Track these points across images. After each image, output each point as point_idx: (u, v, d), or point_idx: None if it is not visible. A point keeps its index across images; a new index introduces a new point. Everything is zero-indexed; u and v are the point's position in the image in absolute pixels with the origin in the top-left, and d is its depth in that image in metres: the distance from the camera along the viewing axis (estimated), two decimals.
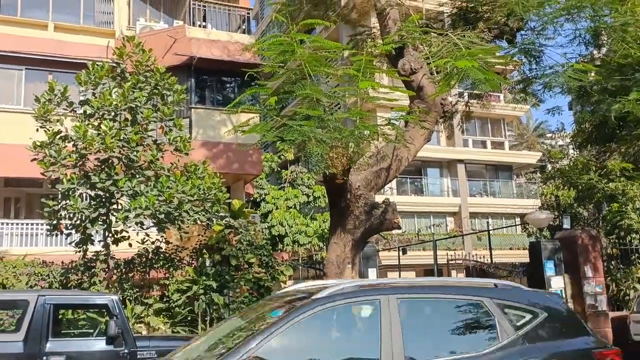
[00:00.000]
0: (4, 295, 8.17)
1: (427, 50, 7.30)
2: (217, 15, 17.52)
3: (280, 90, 7.57)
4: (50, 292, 8.16)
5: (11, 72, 15.24)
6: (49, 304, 6.86)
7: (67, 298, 7.61)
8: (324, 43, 7.01)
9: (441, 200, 29.40)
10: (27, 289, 10.08)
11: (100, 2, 16.66)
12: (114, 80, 10.54)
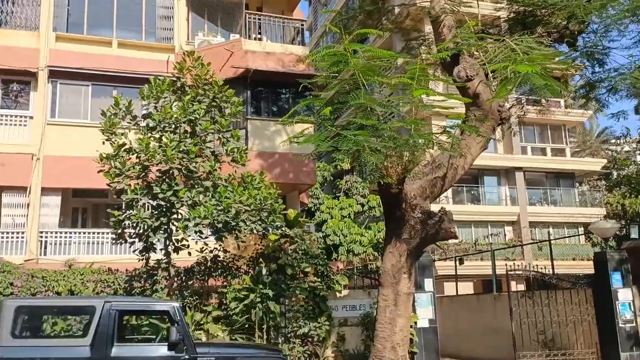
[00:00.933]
0: (74, 302, 8.56)
1: (484, 57, 7.19)
2: (271, 27, 17.84)
3: (335, 100, 7.63)
4: (116, 298, 8.48)
5: (78, 88, 16.01)
6: (114, 310, 7.14)
7: (131, 305, 7.89)
8: (377, 52, 7.02)
9: (499, 209, 28.67)
10: (94, 295, 10.52)
11: (161, 19, 17.30)
12: (174, 94, 10.90)
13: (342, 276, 12.14)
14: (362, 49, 7.07)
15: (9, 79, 15.46)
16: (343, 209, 25.32)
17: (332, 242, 24.11)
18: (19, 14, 16.09)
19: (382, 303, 7.85)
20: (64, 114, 15.68)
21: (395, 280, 7.81)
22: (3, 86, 15.51)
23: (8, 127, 15.22)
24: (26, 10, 16.13)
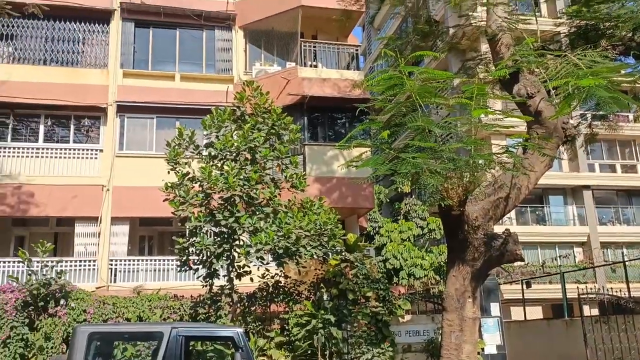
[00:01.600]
0: (143, 328, 8.81)
1: (544, 73, 7.01)
2: (326, 54, 18.10)
3: (392, 123, 7.62)
4: (182, 324, 8.65)
5: (144, 120, 16.73)
6: (181, 335, 7.28)
7: (196, 331, 8.03)
8: (433, 73, 6.98)
9: (566, 229, 27.54)
10: (162, 322, 10.79)
11: (220, 51, 17.91)
12: (234, 123, 11.20)
13: (405, 301, 11.95)
14: (417, 71, 7.06)
15: (81, 114, 16.35)
16: (402, 232, 25.02)
17: (393, 266, 23.82)
18: (89, 53, 17.06)
19: (446, 328, 7.65)
20: (131, 146, 16.39)
21: (459, 304, 7.61)
22: (75, 122, 16.40)
23: (80, 160, 16.04)
24: (96, 50, 17.09)
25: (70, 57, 16.84)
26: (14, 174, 15.38)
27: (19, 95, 15.53)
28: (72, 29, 16.95)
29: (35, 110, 16.03)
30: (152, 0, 17.18)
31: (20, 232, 16.67)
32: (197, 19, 17.40)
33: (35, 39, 16.68)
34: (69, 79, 16.32)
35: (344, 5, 16.63)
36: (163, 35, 17.73)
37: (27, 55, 16.56)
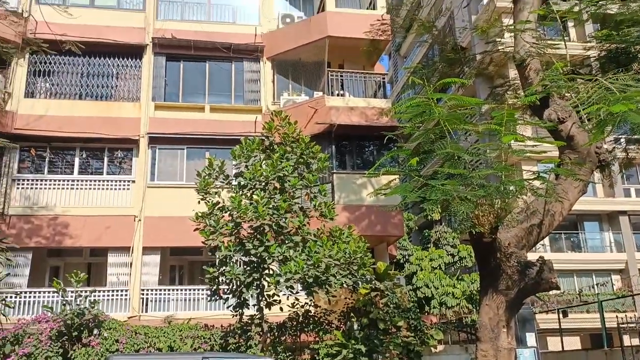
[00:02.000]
0: (175, 358, 8.83)
1: (575, 98, 6.93)
2: (353, 83, 18.24)
3: (420, 150, 7.59)
4: (213, 354, 8.66)
5: (175, 151, 17.03)
6: None
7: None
8: (461, 100, 6.96)
9: (603, 256, 26.78)
10: (192, 351, 10.79)
11: (248, 82, 18.23)
12: (263, 153, 11.33)
13: (437, 330, 11.73)
14: (445, 98, 7.05)
15: (114, 146, 16.74)
16: (433, 260, 24.68)
17: (424, 294, 23.44)
18: (122, 86, 17.55)
19: (481, 359, 7.46)
20: (162, 176, 16.68)
21: (494, 334, 7.42)
22: (109, 154, 16.80)
23: (113, 191, 16.37)
24: (128, 84, 17.58)
25: (104, 91, 17.35)
26: (50, 206, 15.76)
27: (55, 129, 16.04)
28: (107, 64, 17.50)
29: (70, 143, 16.48)
30: (183, 35, 17.65)
31: (55, 262, 16.99)
32: (226, 51, 17.79)
33: (71, 74, 17.26)
34: (103, 112, 16.78)
35: (370, 35, 16.83)
36: (193, 67, 18.15)
37: (63, 90, 17.12)
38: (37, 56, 16.46)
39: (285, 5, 19.49)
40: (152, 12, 18.06)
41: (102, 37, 16.90)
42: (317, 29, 17.75)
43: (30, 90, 16.82)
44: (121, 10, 18.03)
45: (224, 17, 18.77)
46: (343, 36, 17.55)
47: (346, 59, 18.81)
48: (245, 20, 18.76)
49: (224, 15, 18.81)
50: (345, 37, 17.57)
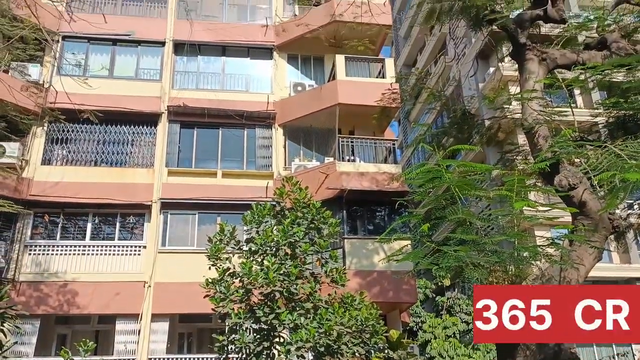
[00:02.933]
0: None
1: (585, 164, 6.97)
2: (364, 148, 18.49)
3: (432, 216, 7.58)
4: None
5: (186, 217, 17.13)
6: None
7: None
8: (471, 166, 7.01)
9: None
10: None
11: (260, 148, 18.54)
12: (274, 218, 11.35)
13: None
14: (456, 164, 7.11)
15: (127, 212, 16.89)
16: (447, 328, 24.07)
17: None
18: (137, 153, 17.91)
19: None
20: (173, 242, 16.69)
21: None
22: (121, 219, 16.92)
23: (124, 256, 16.37)
24: (143, 150, 17.94)
25: (119, 158, 17.69)
26: (61, 272, 15.74)
27: (70, 195, 16.27)
28: (123, 132, 17.94)
29: (84, 209, 16.67)
30: (197, 103, 18.16)
31: (62, 330, 16.78)
32: (238, 118, 18.22)
33: (88, 142, 17.68)
34: (117, 178, 17.05)
35: (380, 102, 17.20)
36: (206, 134, 18.54)
37: (79, 157, 17.49)
38: (55, 125, 16.94)
39: (297, 74, 20.09)
40: (168, 82, 18.68)
41: (119, 106, 17.44)
42: (328, 97, 18.20)
43: (47, 157, 17.20)
44: (138, 80, 18.67)
45: (237, 86, 19.36)
46: (353, 103, 17.96)
47: (357, 125, 19.16)
48: (258, 89, 19.33)
49: (238, 84, 19.41)
50: (355, 105, 17.98)
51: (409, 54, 37.89)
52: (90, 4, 19.50)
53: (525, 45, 9.56)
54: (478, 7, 10.54)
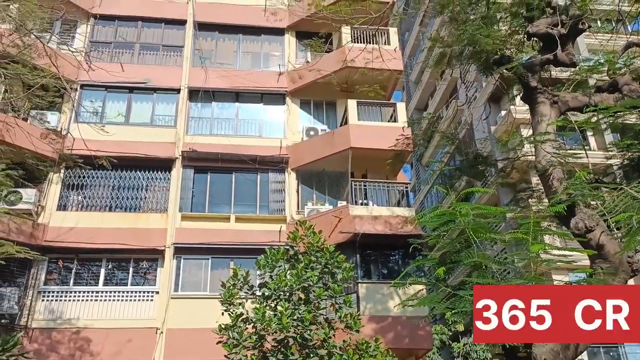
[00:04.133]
0: None
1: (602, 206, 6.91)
2: (377, 192, 18.49)
3: (447, 259, 7.50)
4: None
5: (199, 261, 17.07)
6: None
7: None
8: (485, 209, 6.97)
9: None
10: None
11: (273, 192, 18.61)
12: (288, 262, 11.29)
13: None
14: (470, 207, 7.08)
15: (140, 257, 16.89)
16: None
17: None
18: (151, 198, 18.04)
19: None
20: (186, 287, 16.59)
21: None
22: (134, 264, 16.90)
23: (137, 302, 16.27)
24: (157, 195, 18.08)
25: (133, 203, 17.82)
26: (73, 319, 15.65)
27: (84, 240, 16.33)
28: (137, 177, 18.13)
29: (98, 255, 16.68)
30: (211, 148, 18.38)
31: None
32: (252, 163, 18.38)
33: (103, 187, 17.87)
34: (131, 223, 17.12)
35: (392, 146, 17.30)
36: (220, 179, 18.67)
37: (94, 202, 17.65)
38: (72, 171, 17.19)
39: (310, 119, 20.33)
40: (183, 127, 18.98)
41: (135, 151, 17.68)
42: (340, 141, 18.35)
43: (62, 203, 17.36)
44: (154, 126, 18.99)
45: (250, 131, 19.61)
46: (365, 147, 18.07)
47: (369, 169, 19.22)
48: (271, 134, 19.55)
49: (251, 129, 19.67)
50: (367, 148, 18.09)
51: (420, 98, 38.30)
52: (108, 54, 20.07)
53: (536, 88, 9.65)
54: (488, 52, 10.70)
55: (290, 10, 21.27)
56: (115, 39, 20.45)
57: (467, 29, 11.06)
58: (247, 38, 21.43)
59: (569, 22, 10.04)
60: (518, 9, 11.36)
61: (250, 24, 21.24)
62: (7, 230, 15.23)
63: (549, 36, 9.97)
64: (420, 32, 36.44)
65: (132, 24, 20.80)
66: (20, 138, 15.71)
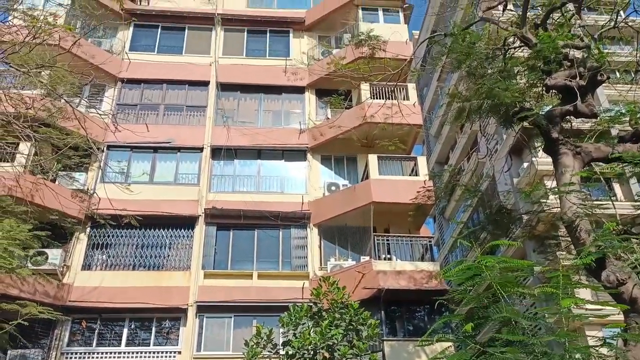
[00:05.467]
0: None
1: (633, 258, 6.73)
2: (400, 246, 18.28)
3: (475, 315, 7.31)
4: None
5: (222, 320, 16.88)
6: None
7: None
8: (512, 262, 6.83)
9: None
10: None
11: (295, 248, 18.54)
12: (312, 319, 11.12)
13: None
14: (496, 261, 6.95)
15: (163, 316, 16.77)
16: None
17: None
18: (173, 256, 18.09)
19: None
20: (208, 346, 16.36)
21: None
22: (157, 324, 16.76)
23: None
24: (180, 253, 18.14)
25: (156, 261, 17.88)
26: None
27: (107, 300, 16.33)
28: (161, 235, 18.27)
29: (120, 314, 16.62)
30: (233, 205, 18.53)
31: None
32: (274, 219, 18.43)
33: (127, 246, 18.01)
34: (154, 282, 17.13)
35: (414, 200, 17.23)
36: (242, 235, 18.70)
37: (118, 261, 17.75)
38: (97, 230, 17.42)
39: (331, 175, 20.46)
40: (206, 185, 19.23)
41: (158, 210, 17.90)
42: (362, 196, 18.35)
43: (87, 262, 17.49)
44: (177, 185, 19.28)
45: (272, 187, 19.78)
46: (387, 201, 18.03)
47: (392, 223, 19.09)
48: (292, 190, 19.68)
49: (273, 186, 19.84)
50: (389, 203, 18.04)
51: (441, 151, 38.39)
52: (134, 115, 20.68)
53: (557, 139, 9.62)
54: (507, 105, 10.77)
55: (310, 69, 21.83)
56: (141, 101, 21.13)
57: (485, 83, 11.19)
58: (268, 97, 21.96)
59: (587, 74, 10.11)
60: (535, 63, 11.49)
61: (271, 83, 21.82)
62: (33, 291, 15.34)
63: (568, 88, 10.03)
64: (439, 86, 36.96)
65: (157, 87, 21.52)
66: (49, 198, 16.05)
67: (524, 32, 10.96)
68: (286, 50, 23.13)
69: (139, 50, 22.26)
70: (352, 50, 19.34)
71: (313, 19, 23.61)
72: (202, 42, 22.93)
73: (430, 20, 35.49)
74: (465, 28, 12.84)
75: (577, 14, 11.71)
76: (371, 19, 22.41)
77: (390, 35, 18.48)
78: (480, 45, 12.41)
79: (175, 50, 22.59)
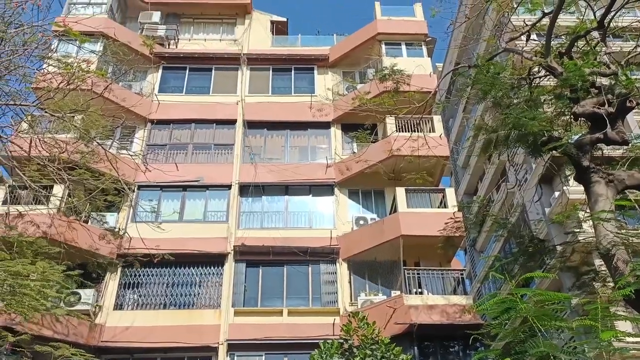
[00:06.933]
0: None
1: None
2: (431, 280, 17.99)
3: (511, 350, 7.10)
4: None
5: (253, 358, 16.72)
6: None
7: None
8: (547, 295, 6.66)
9: None
10: None
11: (325, 284, 18.39)
12: (342, 356, 10.95)
13: None
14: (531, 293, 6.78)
15: (194, 355, 16.69)
16: None
17: None
18: (204, 294, 18.12)
19: None
20: None
21: None
22: None
23: None
24: (210, 291, 18.16)
25: (187, 300, 17.92)
26: None
27: (138, 339, 16.35)
28: (191, 274, 18.36)
29: (152, 354, 16.59)
30: (262, 242, 18.57)
31: None
32: (303, 255, 18.37)
33: (158, 285, 18.11)
34: (185, 320, 17.12)
35: (444, 232, 17.02)
36: (271, 272, 18.66)
37: (149, 300, 17.84)
38: (128, 269, 17.60)
39: (359, 209, 20.41)
40: (234, 222, 19.35)
41: (188, 248, 18.04)
42: (390, 229, 18.21)
43: (119, 302, 17.63)
44: (206, 222, 19.45)
45: (300, 223, 19.79)
46: (416, 234, 17.84)
47: (422, 256, 18.84)
48: (320, 224, 19.66)
49: (301, 221, 19.86)
50: (418, 236, 17.85)
51: (469, 182, 38.00)
52: (163, 155, 21.10)
53: (589, 168, 9.46)
54: (535, 134, 10.67)
55: (335, 104, 22.06)
56: (170, 141, 21.57)
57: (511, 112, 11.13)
58: (295, 133, 22.20)
59: (615, 100, 9.98)
60: (562, 91, 11.40)
61: (297, 120, 22.08)
62: (66, 332, 15.47)
63: (597, 115, 9.90)
64: (465, 117, 36.84)
65: (186, 126, 21.97)
66: (81, 239, 16.34)
67: (549, 61, 10.92)
68: (311, 86, 23.47)
69: (167, 92, 22.85)
70: (377, 84, 19.50)
71: (337, 55, 23.99)
72: (229, 81, 23.45)
73: (454, 52, 35.65)
74: (489, 59, 12.87)
75: (602, 41, 11.63)
76: (394, 54, 22.67)
77: (414, 68, 18.60)
78: (505, 76, 12.39)
79: (203, 91, 23.13)
